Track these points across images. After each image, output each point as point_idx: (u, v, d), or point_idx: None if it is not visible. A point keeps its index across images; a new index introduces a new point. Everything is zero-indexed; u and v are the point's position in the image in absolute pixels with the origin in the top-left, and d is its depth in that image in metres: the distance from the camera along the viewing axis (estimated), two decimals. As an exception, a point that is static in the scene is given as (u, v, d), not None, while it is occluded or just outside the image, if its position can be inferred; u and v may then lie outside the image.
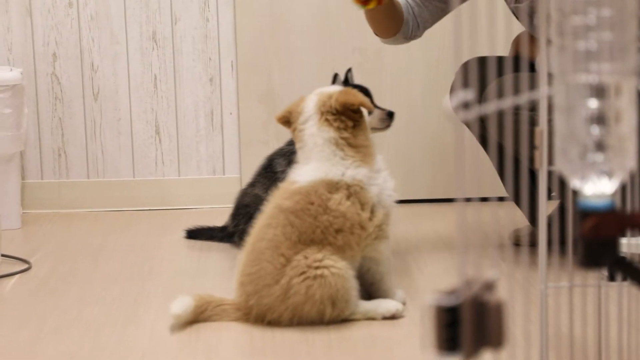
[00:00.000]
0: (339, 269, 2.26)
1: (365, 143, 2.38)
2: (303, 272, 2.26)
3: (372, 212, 2.33)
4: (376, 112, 2.85)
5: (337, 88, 2.45)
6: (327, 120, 2.35)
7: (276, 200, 2.35)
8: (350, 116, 2.36)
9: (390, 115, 2.89)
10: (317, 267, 2.25)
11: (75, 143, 3.74)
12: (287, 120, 2.44)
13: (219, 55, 3.72)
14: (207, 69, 3.73)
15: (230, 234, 3.07)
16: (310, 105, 2.39)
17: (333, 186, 2.30)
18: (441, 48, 3.70)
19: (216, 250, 3.06)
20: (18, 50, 3.69)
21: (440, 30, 3.54)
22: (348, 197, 2.29)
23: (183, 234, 3.20)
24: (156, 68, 3.71)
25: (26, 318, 2.44)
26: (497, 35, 2.86)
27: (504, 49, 2.94)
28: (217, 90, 3.73)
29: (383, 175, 2.39)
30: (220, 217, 3.19)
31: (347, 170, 2.32)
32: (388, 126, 2.90)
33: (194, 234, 3.19)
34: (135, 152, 3.75)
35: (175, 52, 3.72)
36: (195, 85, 3.73)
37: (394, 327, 2.29)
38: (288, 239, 2.27)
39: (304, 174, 2.34)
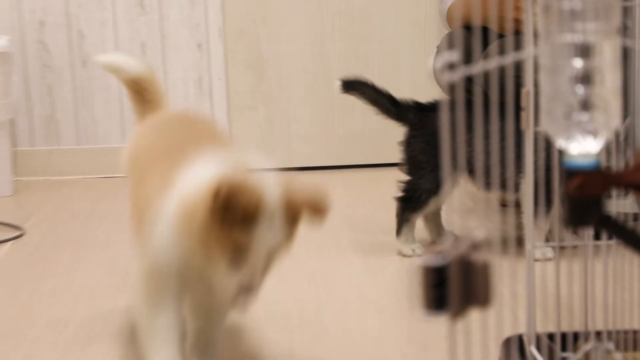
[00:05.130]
0: None
1: None
2: None
3: None
4: None
5: None
6: None
7: None
8: None
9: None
10: None
11: (65, 110, 3.74)
12: None
13: (206, 22, 3.71)
14: (194, 35, 3.72)
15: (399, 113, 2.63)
16: None
17: None
18: (427, 10, 3.70)
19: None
20: (5, 18, 3.67)
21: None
22: None
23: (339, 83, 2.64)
24: (144, 34, 3.71)
25: (20, 284, 2.46)
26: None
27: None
28: (205, 56, 3.73)
29: None
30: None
31: None
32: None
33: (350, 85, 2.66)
34: (125, 118, 3.75)
35: (162, 18, 3.71)
36: (183, 51, 3.72)
37: (381, 291, 2.31)
38: None
39: None
